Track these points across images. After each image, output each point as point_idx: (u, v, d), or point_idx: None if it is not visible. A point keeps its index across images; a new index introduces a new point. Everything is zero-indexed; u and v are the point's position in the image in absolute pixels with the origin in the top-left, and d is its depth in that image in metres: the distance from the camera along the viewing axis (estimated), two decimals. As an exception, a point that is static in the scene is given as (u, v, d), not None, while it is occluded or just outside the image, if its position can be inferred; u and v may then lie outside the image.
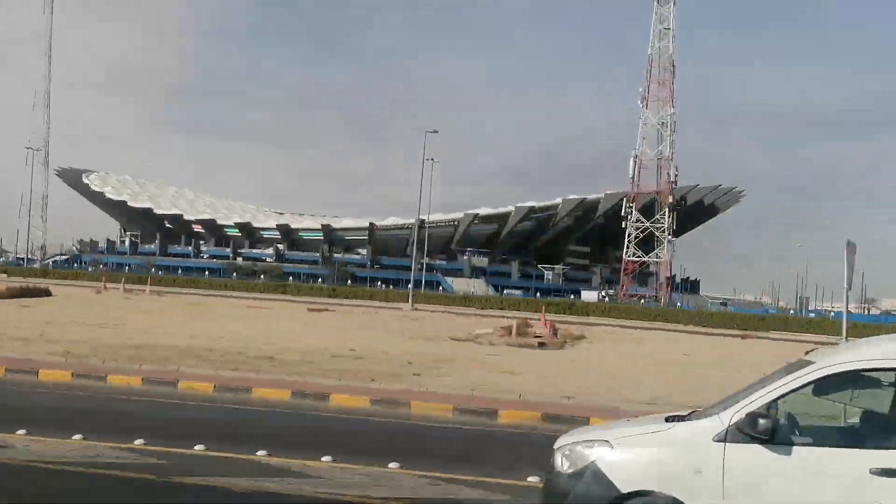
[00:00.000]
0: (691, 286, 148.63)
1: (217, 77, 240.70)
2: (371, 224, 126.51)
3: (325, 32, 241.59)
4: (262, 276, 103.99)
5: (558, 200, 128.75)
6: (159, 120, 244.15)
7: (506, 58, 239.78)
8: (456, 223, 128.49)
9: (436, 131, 79.92)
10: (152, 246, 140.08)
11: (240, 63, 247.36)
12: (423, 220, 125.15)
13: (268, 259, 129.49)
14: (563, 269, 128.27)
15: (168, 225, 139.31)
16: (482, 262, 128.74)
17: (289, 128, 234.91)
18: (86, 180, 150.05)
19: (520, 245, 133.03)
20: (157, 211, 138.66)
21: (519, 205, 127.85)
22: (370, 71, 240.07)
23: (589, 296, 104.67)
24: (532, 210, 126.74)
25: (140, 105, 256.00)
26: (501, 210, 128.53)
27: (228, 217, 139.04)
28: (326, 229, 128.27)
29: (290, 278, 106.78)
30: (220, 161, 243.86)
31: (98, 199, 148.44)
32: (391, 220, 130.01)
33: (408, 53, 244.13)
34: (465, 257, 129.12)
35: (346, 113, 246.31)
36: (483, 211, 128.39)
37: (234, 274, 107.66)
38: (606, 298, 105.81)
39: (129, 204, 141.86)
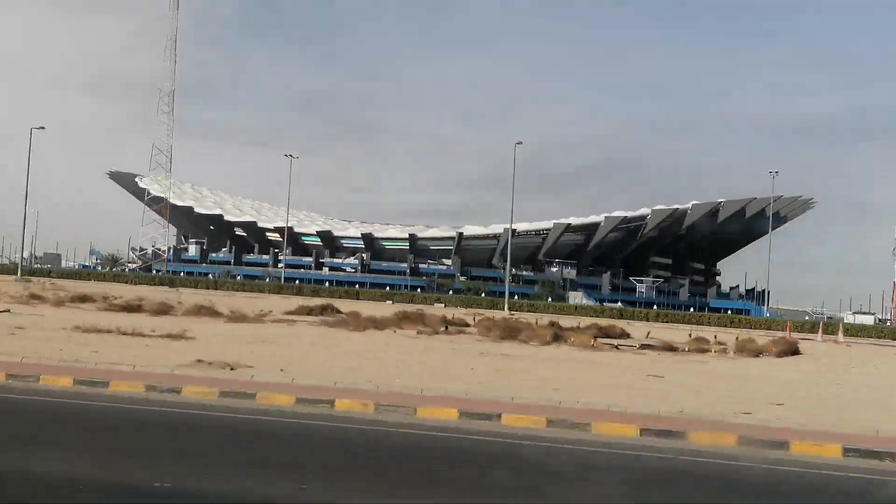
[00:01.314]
0: (758, 297, 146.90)
1: (203, 78, 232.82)
2: (459, 234, 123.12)
3: (313, 34, 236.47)
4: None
5: (646, 210, 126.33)
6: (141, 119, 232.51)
7: (488, 60, 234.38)
8: (544, 233, 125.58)
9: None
10: (221, 254, 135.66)
11: (226, 63, 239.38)
12: (514, 230, 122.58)
13: (348, 269, 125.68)
14: (654, 281, 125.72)
15: (240, 233, 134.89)
16: (571, 273, 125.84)
17: (279, 131, 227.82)
18: (141, 184, 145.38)
19: (604, 256, 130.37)
20: (228, 218, 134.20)
21: (608, 215, 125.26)
22: (359, 74, 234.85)
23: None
24: (624, 220, 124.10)
25: (125, 105, 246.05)
26: (591, 220, 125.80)
27: (302, 225, 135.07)
28: (412, 239, 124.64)
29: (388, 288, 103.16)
30: (208, 162, 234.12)
31: (156, 203, 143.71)
32: (475, 230, 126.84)
33: (397, 56, 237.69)
34: (555, 269, 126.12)
35: (334, 116, 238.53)
36: (573, 221, 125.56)
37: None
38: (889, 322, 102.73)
39: (196, 210, 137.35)
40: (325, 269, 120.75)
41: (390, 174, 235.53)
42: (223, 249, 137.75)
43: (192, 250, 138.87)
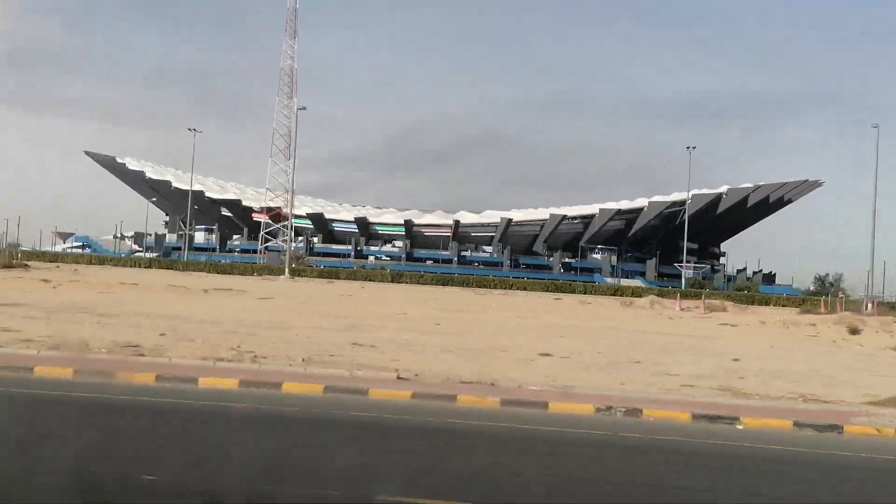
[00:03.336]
0: (766, 279, 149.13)
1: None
2: (508, 220, 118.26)
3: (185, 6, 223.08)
4: None
5: (685, 195, 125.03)
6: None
7: (365, 36, 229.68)
8: (587, 220, 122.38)
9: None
10: (237, 241, 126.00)
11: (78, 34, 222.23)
12: (564, 216, 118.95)
13: (384, 257, 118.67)
14: (696, 267, 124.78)
15: (259, 218, 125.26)
16: (612, 260, 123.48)
17: (140, 106, 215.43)
18: (131, 166, 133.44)
19: (640, 242, 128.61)
20: (247, 203, 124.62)
21: (652, 199, 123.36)
22: (222, 47, 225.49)
23: None
24: (671, 205, 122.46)
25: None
26: (635, 205, 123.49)
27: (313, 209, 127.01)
28: (456, 226, 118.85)
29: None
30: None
31: (154, 187, 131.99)
32: (520, 216, 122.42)
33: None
34: (597, 255, 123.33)
35: (202, 91, 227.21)
36: (617, 205, 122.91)
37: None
38: None
39: (207, 195, 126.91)
40: (372, 258, 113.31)
41: (255, 152, 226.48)
42: (236, 236, 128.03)
43: (200, 237, 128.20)
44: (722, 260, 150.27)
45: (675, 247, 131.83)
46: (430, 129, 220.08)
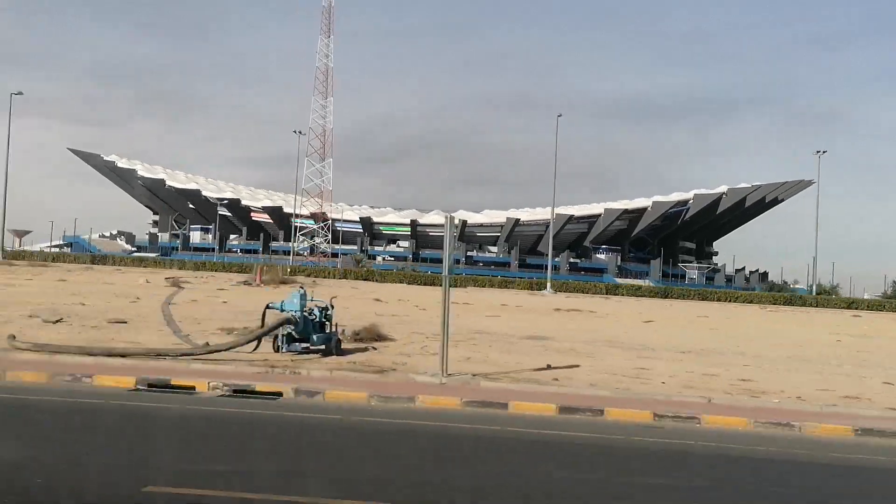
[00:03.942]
0: (762, 277, 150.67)
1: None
2: (516, 220, 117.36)
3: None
4: None
5: (689, 195, 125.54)
6: None
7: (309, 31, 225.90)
8: (592, 219, 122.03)
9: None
10: (236, 241, 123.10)
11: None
12: (571, 216, 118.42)
13: (386, 258, 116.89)
14: (700, 267, 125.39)
15: (259, 218, 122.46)
16: (616, 259, 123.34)
17: (76, 102, 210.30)
18: (121, 164, 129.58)
19: (641, 242, 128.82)
20: (246, 202, 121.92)
21: (656, 200, 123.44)
22: (167, 43, 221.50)
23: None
24: (675, 204, 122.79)
25: None
26: (639, 205, 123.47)
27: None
28: (463, 226, 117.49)
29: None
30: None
31: (147, 185, 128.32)
32: (525, 215, 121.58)
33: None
34: (601, 255, 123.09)
35: (138, 88, 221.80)
36: (622, 205, 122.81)
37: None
38: None
39: (204, 194, 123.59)
40: (379, 259, 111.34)
41: (196, 149, 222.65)
42: (233, 236, 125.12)
43: (196, 237, 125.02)
44: (714, 259, 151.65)
45: (674, 246, 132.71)
46: (379, 128, 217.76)
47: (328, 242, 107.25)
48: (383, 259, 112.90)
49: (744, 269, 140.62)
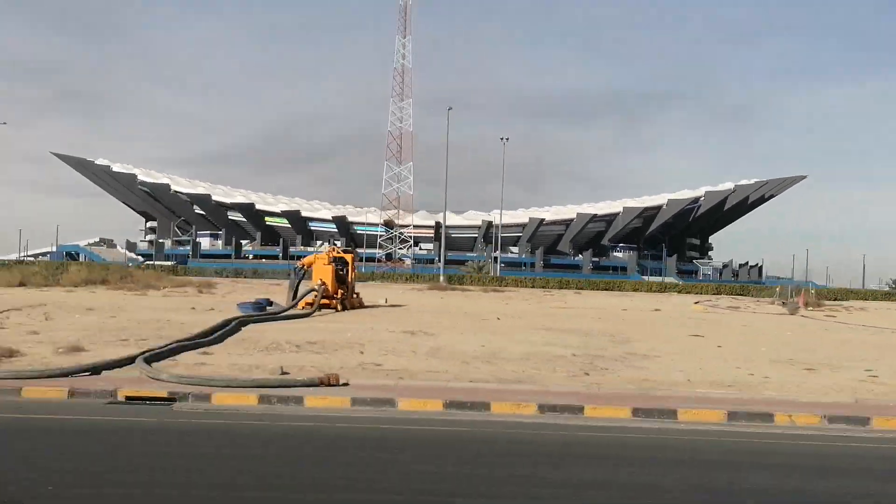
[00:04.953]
0: (757, 271, 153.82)
1: None
2: (541, 220, 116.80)
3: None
4: None
5: (701, 192, 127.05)
6: None
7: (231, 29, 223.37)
8: (611, 218, 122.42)
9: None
10: (251, 247, 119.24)
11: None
12: (594, 215, 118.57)
13: (408, 261, 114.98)
14: (708, 261, 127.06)
15: (274, 222, 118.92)
16: (633, 257, 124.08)
17: None
18: (103, 163, 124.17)
19: (654, 239, 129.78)
20: (260, 206, 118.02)
21: (672, 198, 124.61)
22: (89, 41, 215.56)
23: None
24: (690, 202, 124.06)
25: None
26: (655, 203, 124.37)
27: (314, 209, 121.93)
28: (487, 227, 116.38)
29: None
30: None
31: (154, 191, 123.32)
32: (547, 215, 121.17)
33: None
34: (619, 253, 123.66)
35: (57, 86, 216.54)
36: (641, 203, 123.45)
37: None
38: None
39: (215, 199, 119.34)
40: (407, 262, 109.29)
41: (120, 148, 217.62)
42: (245, 242, 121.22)
43: (206, 243, 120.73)
44: (710, 253, 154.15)
45: (682, 243, 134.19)
46: (306, 126, 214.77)
47: (409, 248, 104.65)
48: (413, 261, 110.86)
49: (746, 263, 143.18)
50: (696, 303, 51.95)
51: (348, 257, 31.14)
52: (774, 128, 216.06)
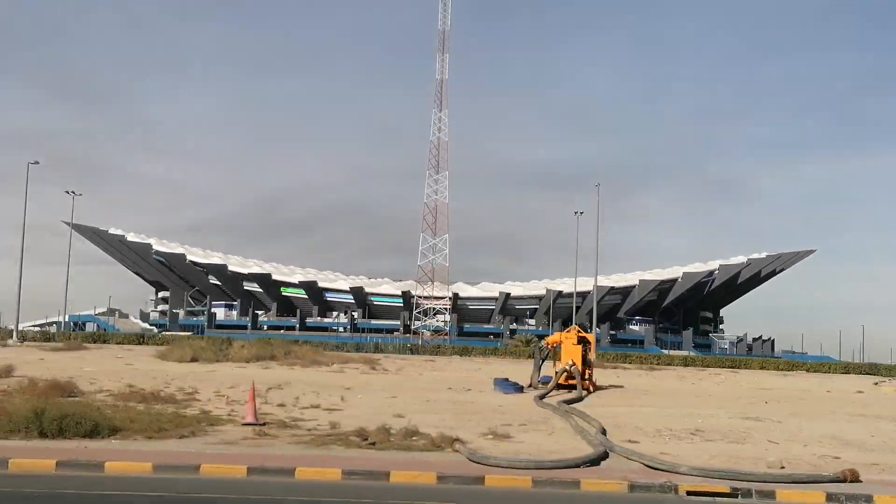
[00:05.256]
0: (770, 345, 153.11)
1: None
2: (558, 293, 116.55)
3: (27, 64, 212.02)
4: None
5: (715, 266, 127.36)
6: None
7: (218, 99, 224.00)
8: (626, 291, 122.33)
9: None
10: (267, 317, 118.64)
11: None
12: (611, 288, 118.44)
13: (427, 333, 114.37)
14: (734, 337, 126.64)
15: (291, 293, 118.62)
16: (650, 330, 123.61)
17: None
18: (117, 232, 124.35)
19: (669, 311, 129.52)
20: (277, 277, 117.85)
21: (687, 270, 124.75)
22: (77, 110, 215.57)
23: None
24: (705, 275, 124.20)
25: None
26: (670, 276, 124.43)
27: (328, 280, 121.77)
28: (505, 298, 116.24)
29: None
30: None
31: (166, 259, 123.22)
32: (563, 287, 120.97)
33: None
34: (635, 326, 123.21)
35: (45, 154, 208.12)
36: (656, 276, 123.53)
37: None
38: None
39: (232, 269, 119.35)
40: (427, 334, 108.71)
41: (110, 218, 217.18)
42: (260, 312, 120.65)
43: (221, 313, 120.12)
44: (721, 327, 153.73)
45: (696, 316, 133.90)
46: (290, 197, 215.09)
47: (446, 322, 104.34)
48: (429, 334, 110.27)
49: (760, 337, 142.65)
50: (875, 383, 52.29)
51: (590, 337, 32.27)
52: (756, 203, 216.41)
